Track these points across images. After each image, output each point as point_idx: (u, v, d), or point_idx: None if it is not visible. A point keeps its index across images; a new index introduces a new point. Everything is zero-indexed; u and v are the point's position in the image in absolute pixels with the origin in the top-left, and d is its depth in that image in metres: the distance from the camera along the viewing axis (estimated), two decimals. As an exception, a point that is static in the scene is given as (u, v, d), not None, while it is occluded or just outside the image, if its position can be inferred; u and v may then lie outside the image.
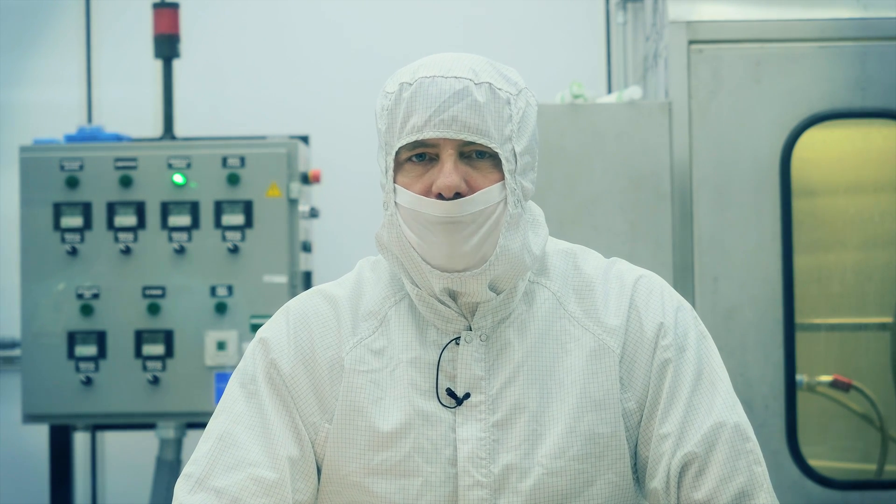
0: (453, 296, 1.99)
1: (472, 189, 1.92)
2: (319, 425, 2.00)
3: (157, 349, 4.69)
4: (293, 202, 4.72)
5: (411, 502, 1.96)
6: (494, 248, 1.94)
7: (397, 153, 1.95)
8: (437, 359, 1.99)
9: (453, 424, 1.97)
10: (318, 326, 2.04)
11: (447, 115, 1.90)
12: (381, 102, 1.98)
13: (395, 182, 1.96)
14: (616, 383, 1.98)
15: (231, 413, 2.01)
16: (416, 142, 1.93)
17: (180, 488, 1.98)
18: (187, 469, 2.00)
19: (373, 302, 2.05)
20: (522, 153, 1.95)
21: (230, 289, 4.70)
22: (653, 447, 1.99)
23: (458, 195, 1.91)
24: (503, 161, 1.93)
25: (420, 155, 1.94)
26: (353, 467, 1.98)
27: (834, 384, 3.98)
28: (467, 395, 1.97)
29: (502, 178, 1.93)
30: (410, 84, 1.94)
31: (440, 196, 1.92)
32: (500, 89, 1.93)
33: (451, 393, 1.98)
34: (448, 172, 1.91)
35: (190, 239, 4.71)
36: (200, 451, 2.00)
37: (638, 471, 2.03)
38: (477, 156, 1.93)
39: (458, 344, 1.99)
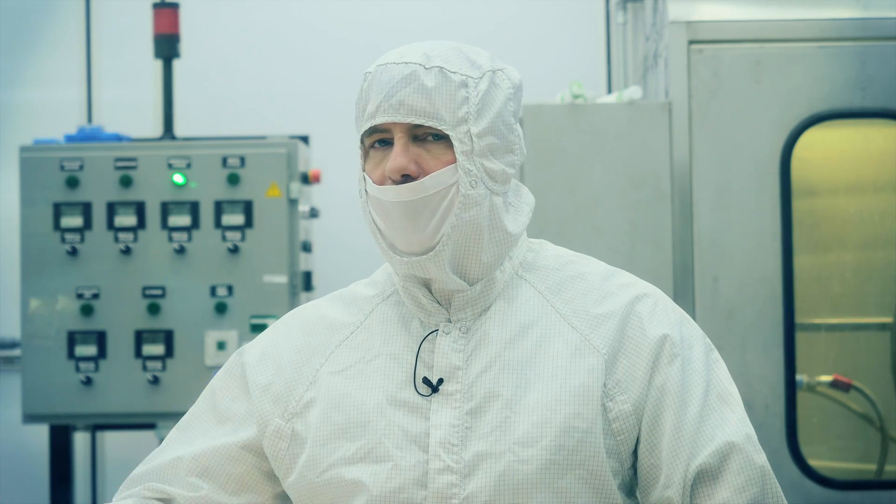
0: (427, 285, 2.01)
1: (423, 172, 1.94)
2: (270, 419, 2.06)
3: (157, 349, 4.69)
4: (293, 202, 4.72)
5: (380, 486, 1.95)
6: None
7: (363, 142, 1.99)
8: (417, 349, 2.00)
9: (428, 413, 1.97)
10: (299, 332, 2.11)
11: (395, 99, 1.93)
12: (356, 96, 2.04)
13: (364, 171, 2.00)
14: (598, 382, 1.96)
15: (192, 411, 2.18)
16: (372, 128, 1.96)
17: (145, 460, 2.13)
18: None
19: (360, 300, 2.10)
20: (482, 134, 1.95)
21: (230, 289, 4.69)
22: (665, 456, 1.97)
23: (408, 178, 1.94)
24: (455, 143, 1.94)
25: (382, 141, 1.97)
26: (332, 460, 1.99)
27: (834, 384, 3.98)
28: (441, 382, 1.97)
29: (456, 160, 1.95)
30: (371, 73, 1.99)
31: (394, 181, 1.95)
32: (453, 72, 1.95)
33: (427, 381, 1.98)
34: (395, 155, 1.94)
35: (190, 239, 4.71)
36: (165, 439, 2.16)
37: (639, 476, 2.01)
38: (433, 138, 1.95)
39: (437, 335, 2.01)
